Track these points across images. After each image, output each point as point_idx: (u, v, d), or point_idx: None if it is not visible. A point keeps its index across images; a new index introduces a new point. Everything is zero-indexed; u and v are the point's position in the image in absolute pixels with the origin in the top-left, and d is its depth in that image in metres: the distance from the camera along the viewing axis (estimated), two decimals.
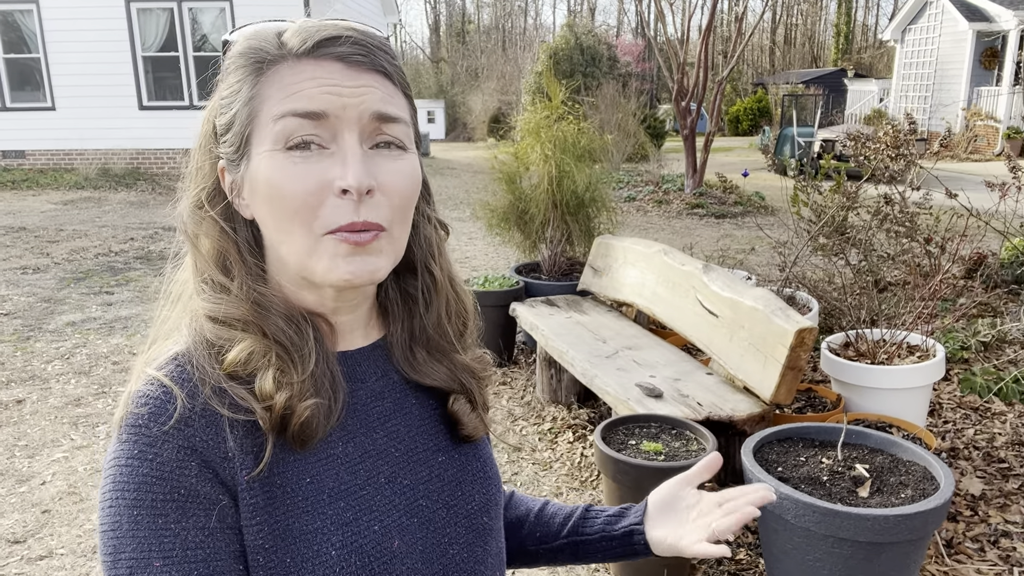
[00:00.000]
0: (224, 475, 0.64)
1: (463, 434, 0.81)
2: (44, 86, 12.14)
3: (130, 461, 0.63)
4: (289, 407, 0.66)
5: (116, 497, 0.63)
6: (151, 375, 0.66)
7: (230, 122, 0.69)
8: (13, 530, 2.76)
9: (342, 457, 0.71)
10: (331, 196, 0.66)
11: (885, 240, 4.59)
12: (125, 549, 0.62)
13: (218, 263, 0.72)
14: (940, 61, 17.28)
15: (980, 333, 4.09)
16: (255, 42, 0.69)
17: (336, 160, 0.66)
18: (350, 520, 0.69)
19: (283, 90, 0.67)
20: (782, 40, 38.28)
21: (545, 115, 4.73)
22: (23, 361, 4.47)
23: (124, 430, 0.64)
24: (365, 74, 0.68)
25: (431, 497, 0.76)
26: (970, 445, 3.20)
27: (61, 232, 8.28)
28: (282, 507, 0.66)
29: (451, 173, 14.40)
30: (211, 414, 0.65)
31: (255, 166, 0.68)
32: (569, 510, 0.98)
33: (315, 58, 0.67)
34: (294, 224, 0.67)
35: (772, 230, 7.19)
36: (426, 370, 0.80)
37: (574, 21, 18.96)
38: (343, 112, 0.66)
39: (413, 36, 66.51)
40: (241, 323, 0.69)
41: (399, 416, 0.78)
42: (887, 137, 4.13)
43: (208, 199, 0.73)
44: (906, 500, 2.08)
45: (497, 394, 4.02)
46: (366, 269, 0.68)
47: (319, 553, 0.66)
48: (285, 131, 0.66)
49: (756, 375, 2.75)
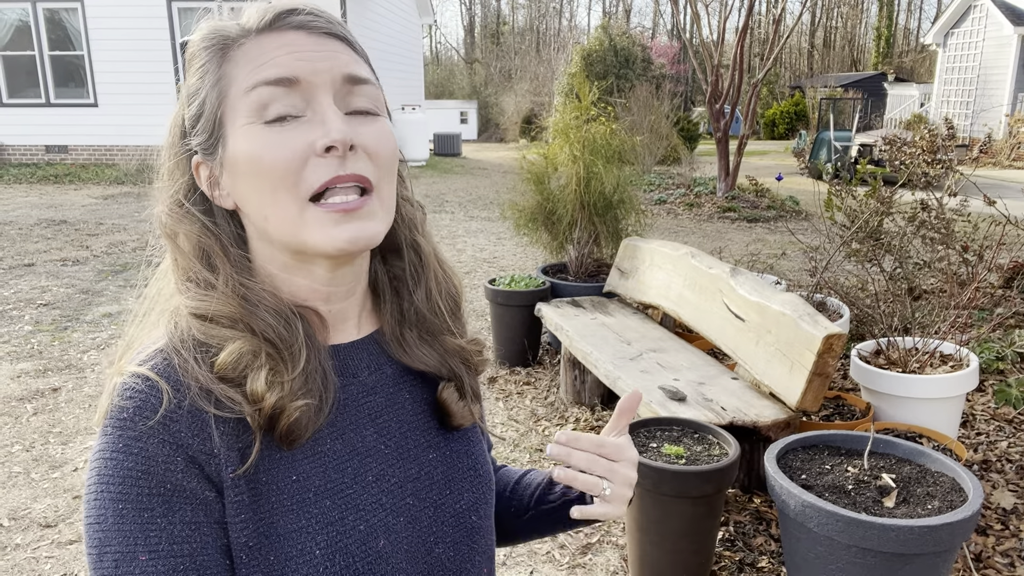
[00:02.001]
0: (210, 472, 0.63)
1: (453, 424, 0.80)
2: (87, 83, 12.44)
3: (115, 455, 0.62)
4: (279, 407, 0.65)
5: (101, 491, 0.62)
6: (135, 369, 0.65)
7: (199, 110, 0.69)
8: (45, 514, 2.83)
9: (330, 454, 0.70)
10: (313, 157, 0.65)
11: (921, 247, 4.50)
12: (111, 543, 0.61)
13: (201, 260, 0.70)
14: (983, 66, 16.88)
15: (1017, 344, 3.98)
16: (213, 29, 0.69)
17: (314, 124, 0.66)
18: (335, 519, 0.68)
19: (250, 63, 0.67)
20: (821, 43, 37.71)
21: (575, 116, 4.73)
22: (60, 350, 4.58)
23: (109, 423, 0.63)
24: (329, 40, 0.69)
25: (419, 495, 0.75)
26: (1003, 458, 3.12)
27: (101, 226, 8.47)
28: (267, 505, 0.65)
29: (482, 173, 14.43)
30: (197, 410, 0.64)
31: (232, 145, 0.67)
32: (539, 479, 0.94)
33: (277, 30, 0.68)
34: (279, 193, 0.66)
35: (805, 235, 7.09)
36: (417, 353, 0.79)
37: (609, 23, 18.89)
38: (315, 76, 0.66)
39: (448, 37, 66.86)
40: (229, 320, 0.67)
41: (391, 411, 0.76)
42: (923, 142, 4.05)
43: (185, 197, 0.72)
44: (933, 512, 2.04)
45: (521, 394, 4.02)
46: (363, 234, 0.67)
47: (303, 552, 0.65)
48: (259, 101, 0.66)
49: (782, 381, 2.72)
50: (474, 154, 18.52)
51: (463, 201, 10.94)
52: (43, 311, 5.36)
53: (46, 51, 12.39)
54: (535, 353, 4.46)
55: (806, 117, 23.49)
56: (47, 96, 12.56)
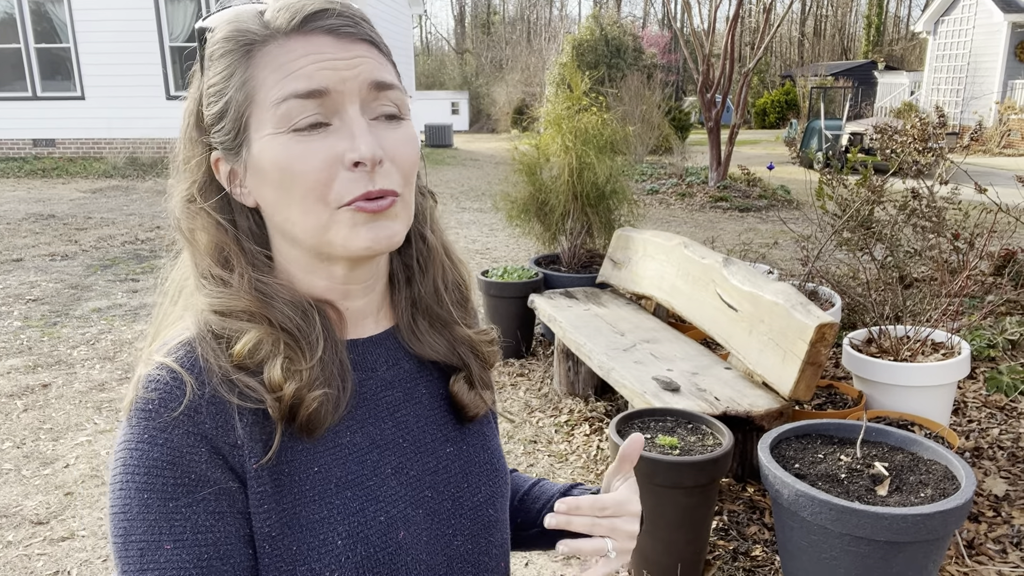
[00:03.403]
0: (233, 463, 0.64)
1: (467, 415, 0.81)
2: (74, 76, 12.32)
3: (140, 445, 0.63)
4: (298, 397, 0.66)
5: (127, 480, 0.63)
6: (161, 360, 0.66)
7: (223, 109, 0.68)
8: (37, 511, 2.82)
9: (350, 447, 0.71)
10: (342, 170, 0.65)
11: (912, 235, 4.50)
12: (135, 532, 0.62)
13: (216, 257, 0.71)
14: (973, 53, 16.91)
15: (1008, 331, 4.00)
16: (239, 24, 0.67)
17: (342, 135, 0.65)
18: (356, 510, 0.69)
19: (278, 71, 0.65)
20: (811, 32, 37.69)
21: (567, 106, 4.71)
22: (50, 346, 4.55)
23: (134, 414, 0.64)
24: (355, 45, 0.67)
25: (437, 488, 0.76)
26: (995, 445, 3.14)
27: (89, 220, 8.41)
28: (290, 496, 0.66)
29: (474, 164, 14.39)
30: (220, 402, 0.65)
31: (258, 151, 0.67)
32: (549, 495, 0.94)
33: (304, 34, 0.66)
34: (308, 202, 0.66)
35: (796, 224, 7.10)
36: (428, 340, 0.80)
37: (600, 12, 18.81)
38: (343, 86, 0.66)
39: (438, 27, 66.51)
40: (247, 315, 0.68)
41: (408, 406, 0.77)
42: (914, 130, 4.05)
43: (200, 192, 0.72)
44: (925, 499, 2.04)
45: (515, 386, 4.02)
46: (384, 235, 0.68)
47: (325, 542, 0.66)
48: (289, 114, 0.65)
49: (775, 370, 2.72)
50: (466, 145, 18.46)
51: (455, 192, 10.91)
52: (32, 306, 5.32)
53: (32, 44, 12.25)
54: (528, 345, 4.45)
55: (797, 106, 23.49)
56: (34, 89, 12.43)
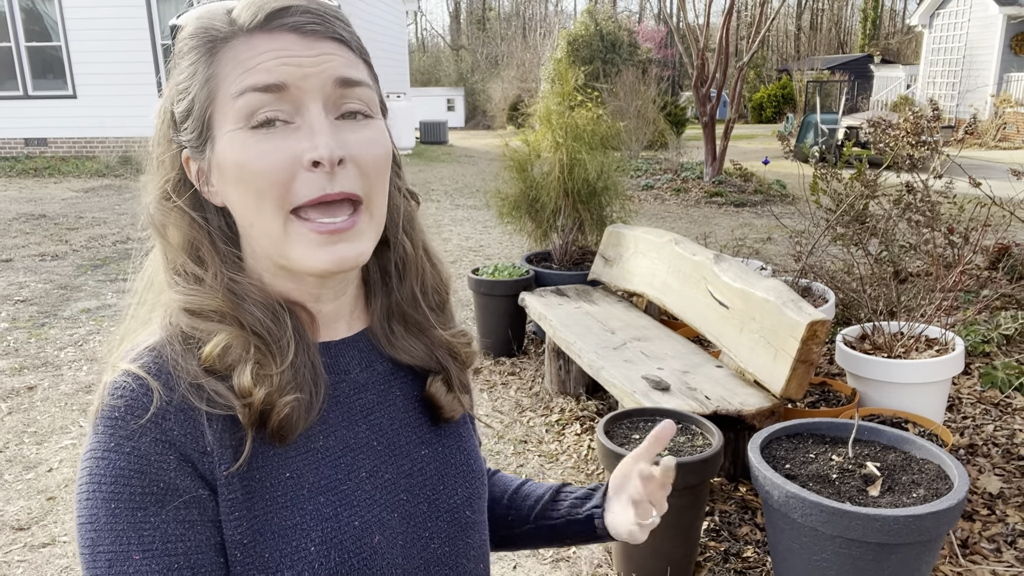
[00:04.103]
0: (203, 470, 0.63)
1: (443, 417, 0.79)
2: (66, 74, 12.24)
3: (107, 454, 0.61)
4: (269, 403, 0.64)
5: (93, 490, 0.61)
6: (126, 367, 0.64)
7: (189, 107, 0.67)
8: (18, 517, 2.77)
9: (323, 451, 0.70)
10: (301, 170, 0.63)
11: (907, 230, 4.47)
12: (103, 542, 0.61)
13: (190, 253, 0.70)
14: (969, 46, 16.88)
15: (1003, 326, 3.97)
16: (205, 21, 0.67)
17: (303, 133, 0.64)
18: (330, 515, 0.67)
19: (239, 66, 0.64)
20: (807, 25, 37.61)
21: (558, 102, 4.66)
22: (37, 347, 4.50)
23: (100, 422, 0.63)
24: (322, 42, 0.66)
25: (413, 491, 0.75)
26: (989, 442, 3.10)
27: (81, 219, 8.35)
28: (261, 502, 0.65)
29: (469, 161, 14.34)
30: (188, 408, 0.63)
31: (220, 148, 0.65)
32: (540, 492, 0.95)
33: (268, 31, 0.65)
34: (264, 203, 0.64)
35: (791, 219, 7.06)
36: (403, 346, 0.78)
37: (595, 7, 18.75)
38: (304, 82, 0.64)
39: (433, 23, 66.35)
40: (217, 315, 0.67)
41: (382, 408, 0.76)
42: (907, 124, 4.01)
43: (174, 190, 0.71)
44: (918, 500, 2.01)
45: (506, 384, 3.98)
46: (348, 256, 0.66)
47: (298, 548, 0.65)
48: (247, 108, 0.63)
49: (766, 368, 2.68)
50: (461, 142, 18.40)
51: (449, 190, 10.85)
52: (20, 307, 5.27)
53: (23, 42, 12.16)
54: (520, 343, 4.41)
55: (793, 100, 23.45)
56: (25, 88, 12.35)
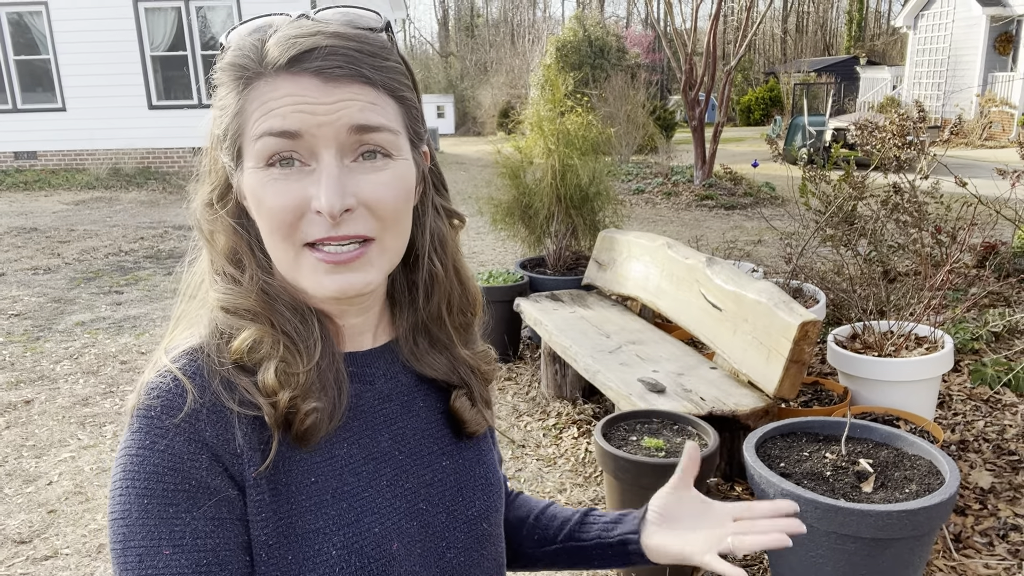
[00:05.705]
0: (233, 471, 0.65)
1: (467, 431, 0.81)
2: (55, 87, 12.22)
3: (141, 451, 0.64)
4: (293, 406, 0.67)
5: (127, 486, 0.64)
6: (165, 367, 0.67)
7: (224, 133, 0.70)
8: (19, 530, 2.78)
9: (346, 459, 0.72)
10: (310, 212, 0.66)
11: (895, 230, 4.53)
12: (135, 537, 0.63)
13: (230, 258, 0.73)
14: (953, 47, 17.05)
15: (991, 323, 4.03)
16: (238, 55, 0.68)
17: (315, 178, 0.66)
18: (352, 521, 0.70)
19: (262, 107, 0.66)
20: (793, 28, 37.89)
21: (549, 109, 4.70)
22: (32, 361, 4.50)
23: (136, 420, 0.65)
24: (343, 87, 0.66)
25: (432, 501, 0.77)
26: (980, 437, 3.15)
27: (72, 232, 8.34)
28: (287, 505, 0.67)
29: (460, 168, 14.37)
30: (220, 410, 0.66)
31: (245, 178, 0.69)
32: (568, 514, 0.97)
33: (292, 73, 0.66)
34: (275, 236, 0.68)
35: (781, 221, 7.13)
36: (428, 360, 0.81)
37: (583, 13, 18.85)
38: (318, 130, 0.65)
39: (422, 31, 66.44)
40: (250, 313, 0.70)
41: (405, 418, 0.78)
42: (893, 126, 4.07)
43: (219, 198, 0.74)
44: (911, 495, 2.05)
45: (502, 390, 4.01)
46: (354, 284, 0.68)
47: (320, 552, 0.67)
48: (264, 150, 0.66)
49: (759, 369, 2.72)
50: (452, 148, 18.44)
51: None
52: (14, 321, 5.27)
53: (11, 55, 12.14)
54: (516, 348, 4.44)
55: (781, 103, 23.62)
56: (14, 102, 12.32)
